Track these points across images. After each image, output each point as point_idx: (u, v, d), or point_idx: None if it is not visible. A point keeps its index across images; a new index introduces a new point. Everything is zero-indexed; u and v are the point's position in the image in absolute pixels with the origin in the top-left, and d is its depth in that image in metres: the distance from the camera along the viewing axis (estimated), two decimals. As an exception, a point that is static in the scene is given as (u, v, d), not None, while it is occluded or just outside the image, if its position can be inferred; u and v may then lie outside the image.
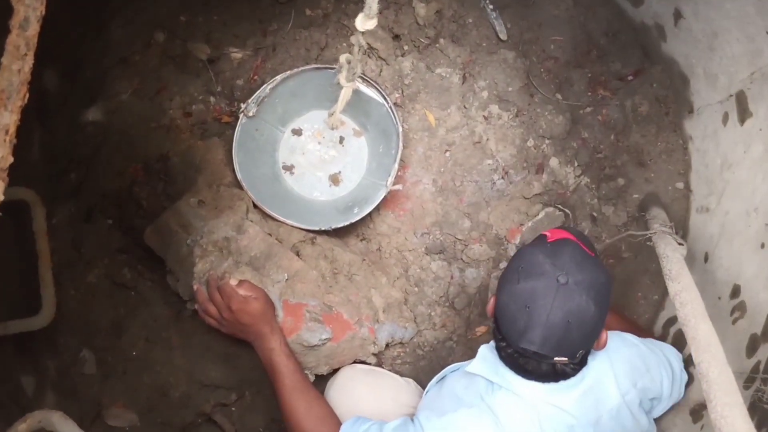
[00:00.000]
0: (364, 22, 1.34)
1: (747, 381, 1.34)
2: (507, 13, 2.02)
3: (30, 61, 0.75)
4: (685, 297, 1.36)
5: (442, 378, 1.54)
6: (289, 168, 1.95)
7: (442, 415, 1.31)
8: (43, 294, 1.62)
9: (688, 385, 1.53)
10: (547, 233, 1.32)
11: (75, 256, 1.87)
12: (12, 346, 1.60)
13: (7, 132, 0.74)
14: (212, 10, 2.01)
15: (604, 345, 1.29)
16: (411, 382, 1.77)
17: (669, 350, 1.53)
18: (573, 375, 1.27)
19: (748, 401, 1.30)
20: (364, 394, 1.63)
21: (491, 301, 1.31)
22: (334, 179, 1.94)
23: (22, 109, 0.77)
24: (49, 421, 1.22)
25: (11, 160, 0.76)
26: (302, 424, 1.46)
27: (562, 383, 1.28)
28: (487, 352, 1.36)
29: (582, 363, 1.28)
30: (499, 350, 1.29)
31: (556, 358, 1.21)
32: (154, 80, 1.96)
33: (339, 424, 1.45)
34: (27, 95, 0.76)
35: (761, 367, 1.32)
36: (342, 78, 1.62)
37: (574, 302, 1.18)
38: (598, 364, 1.33)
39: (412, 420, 1.35)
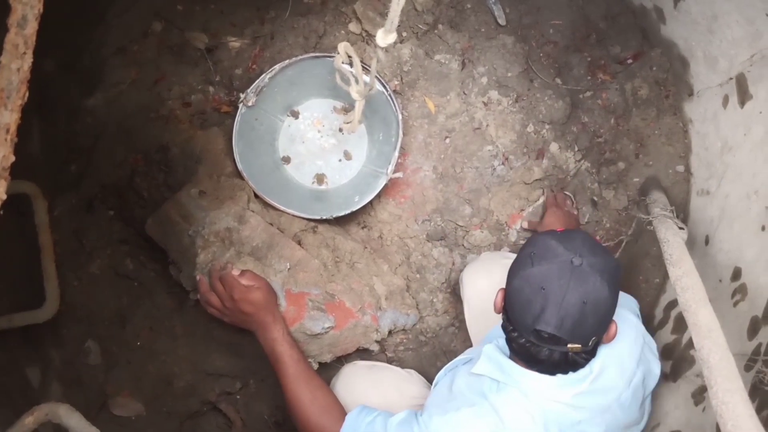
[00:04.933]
0: (385, 37, 1.29)
1: (748, 362, 1.35)
2: (505, -3, 2.01)
3: (29, 59, 0.74)
4: (686, 282, 1.36)
5: (453, 369, 1.51)
6: (287, 160, 1.95)
7: (444, 413, 1.29)
8: (46, 287, 1.63)
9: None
10: (556, 230, 1.31)
11: (77, 247, 1.87)
12: (17, 338, 1.61)
13: (7, 131, 0.73)
14: (209, -1, 2.00)
15: (613, 337, 1.26)
16: (413, 373, 1.78)
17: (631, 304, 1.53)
18: (582, 366, 1.24)
19: (749, 384, 1.30)
20: (367, 388, 1.63)
21: (499, 295, 1.28)
22: (319, 179, 1.94)
23: (22, 108, 0.76)
24: (56, 414, 1.23)
25: (13, 159, 0.76)
26: (307, 414, 1.47)
27: (571, 375, 1.25)
28: (492, 351, 1.33)
29: (593, 353, 1.25)
30: (510, 342, 1.26)
31: (569, 345, 1.18)
32: (152, 70, 1.95)
33: (343, 412, 1.46)
34: (27, 94, 0.76)
35: (762, 350, 1.32)
36: (354, 91, 1.58)
37: (589, 284, 1.16)
38: (602, 355, 1.30)
39: (416, 416, 1.33)
